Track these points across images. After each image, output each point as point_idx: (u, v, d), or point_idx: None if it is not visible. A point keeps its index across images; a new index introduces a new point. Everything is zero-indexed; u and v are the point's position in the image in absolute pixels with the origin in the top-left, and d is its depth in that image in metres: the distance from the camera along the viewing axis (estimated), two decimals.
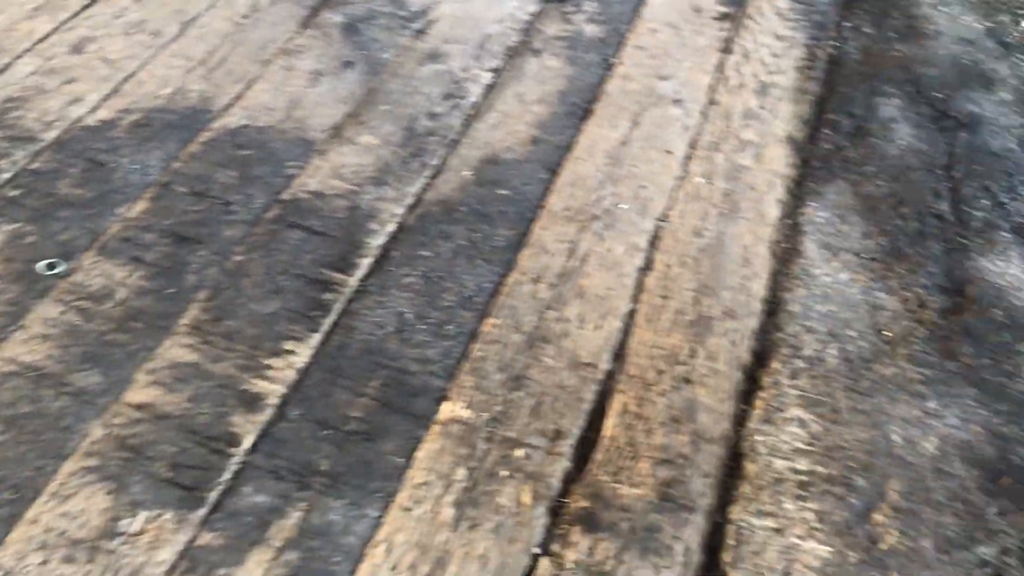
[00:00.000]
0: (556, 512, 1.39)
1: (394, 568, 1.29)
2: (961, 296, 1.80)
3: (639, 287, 1.73)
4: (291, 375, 1.53)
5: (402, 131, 2.00)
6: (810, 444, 1.51)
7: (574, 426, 1.50)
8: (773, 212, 1.91)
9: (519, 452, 1.45)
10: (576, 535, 1.36)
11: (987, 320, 1.75)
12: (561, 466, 1.44)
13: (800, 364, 1.63)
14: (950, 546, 1.40)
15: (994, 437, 1.55)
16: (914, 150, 2.12)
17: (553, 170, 1.95)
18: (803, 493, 1.44)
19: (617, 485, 1.42)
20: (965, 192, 2.04)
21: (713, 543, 1.38)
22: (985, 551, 1.40)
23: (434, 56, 2.21)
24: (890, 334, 1.70)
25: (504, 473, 1.42)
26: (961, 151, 2.14)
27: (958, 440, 1.54)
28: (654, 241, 1.82)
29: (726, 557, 1.36)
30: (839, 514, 1.42)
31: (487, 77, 2.17)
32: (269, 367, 1.53)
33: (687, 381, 1.58)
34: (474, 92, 2.12)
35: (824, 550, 1.38)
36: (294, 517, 1.34)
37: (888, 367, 1.64)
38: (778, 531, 1.39)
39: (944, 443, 1.54)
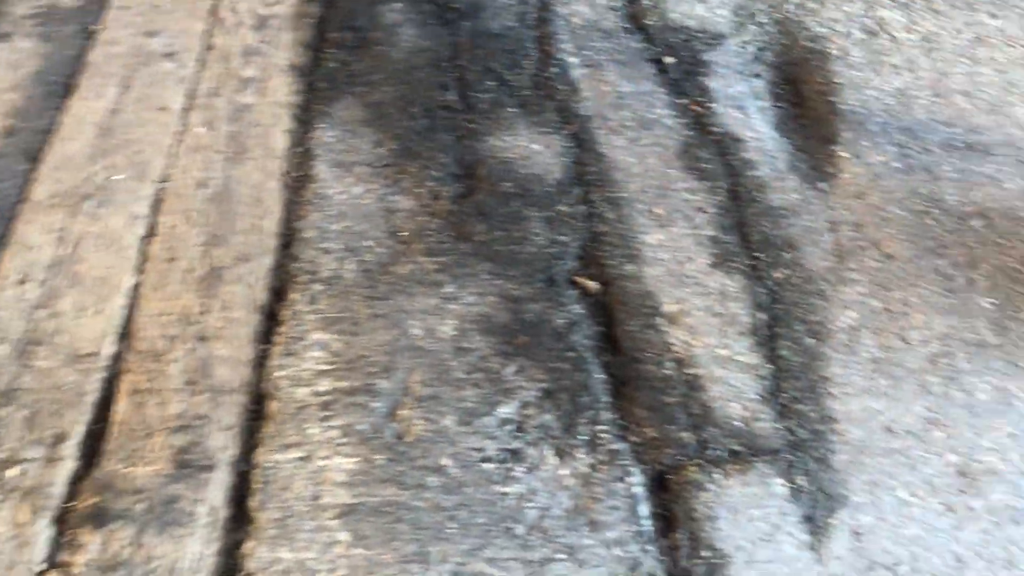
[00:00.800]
0: (62, 519, 1.28)
1: None
2: (473, 179, 1.86)
3: (143, 257, 1.63)
4: None
5: None
6: (331, 363, 1.50)
7: (78, 423, 1.39)
8: (281, 144, 1.86)
9: (13, 471, 1.32)
10: (86, 535, 1.26)
11: (497, 195, 1.83)
12: (65, 470, 1.33)
13: (319, 287, 1.62)
14: (471, 416, 1.45)
15: (508, 302, 1.63)
16: (419, 49, 2.15)
17: (34, 158, 1.77)
18: (327, 413, 1.43)
19: (130, 469, 1.34)
20: (471, 78, 2.10)
21: (241, 493, 1.34)
22: (506, 410, 1.47)
23: None
24: (406, 233, 1.73)
25: None
26: (465, 39, 2.21)
27: (475, 315, 1.60)
28: (156, 205, 1.71)
29: (253, 503, 1.32)
30: (364, 422, 1.43)
31: None
32: None
33: (202, 339, 1.51)
34: None
35: (350, 462, 1.38)
36: None
37: (405, 265, 1.67)
38: (304, 459, 1.38)
39: (462, 321, 1.59)
